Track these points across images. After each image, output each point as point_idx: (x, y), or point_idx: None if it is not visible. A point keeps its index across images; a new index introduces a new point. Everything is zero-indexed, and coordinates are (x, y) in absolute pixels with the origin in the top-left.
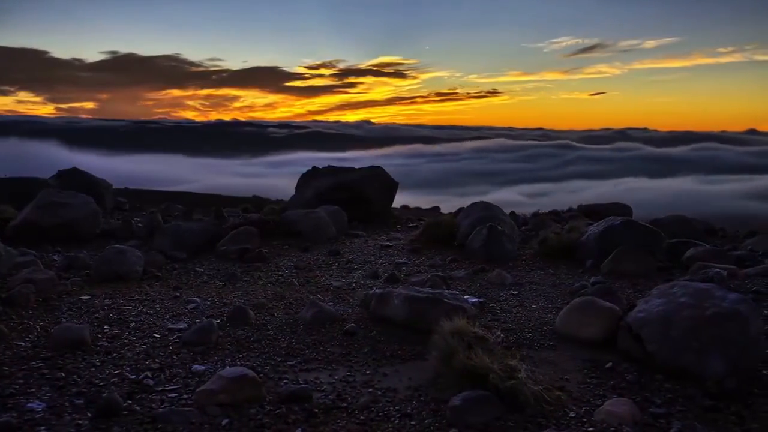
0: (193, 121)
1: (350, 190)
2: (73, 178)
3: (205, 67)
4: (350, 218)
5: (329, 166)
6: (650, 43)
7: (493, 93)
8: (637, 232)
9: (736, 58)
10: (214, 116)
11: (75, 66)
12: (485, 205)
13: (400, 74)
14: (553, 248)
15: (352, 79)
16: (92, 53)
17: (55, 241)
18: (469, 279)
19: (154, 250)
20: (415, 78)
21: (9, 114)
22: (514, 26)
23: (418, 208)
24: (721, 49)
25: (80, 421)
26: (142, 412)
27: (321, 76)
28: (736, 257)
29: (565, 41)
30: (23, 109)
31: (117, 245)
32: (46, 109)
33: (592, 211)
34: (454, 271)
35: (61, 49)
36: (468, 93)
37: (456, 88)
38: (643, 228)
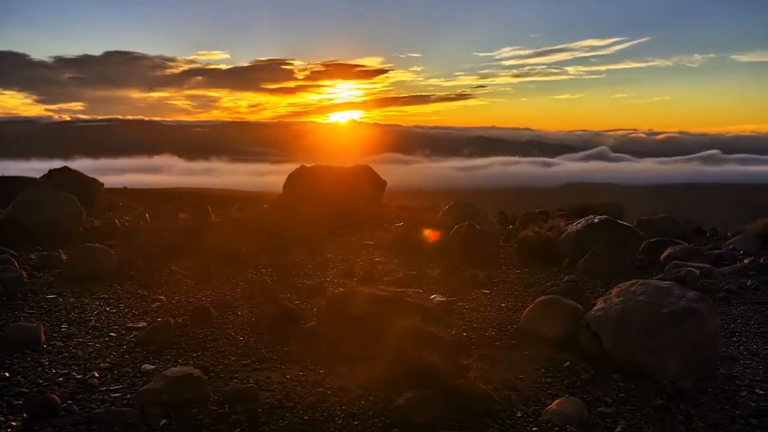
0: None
1: (338, 189)
2: (64, 177)
3: (187, 67)
4: (338, 217)
5: (317, 164)
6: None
7: (464, 96)
8: (616, 231)
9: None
10: (204, 117)
11: (56, 68)
12: (467, 205)
13: (369, 76)
14: (531, 247)
15: (325, 81)
16: (69, 54)
17: (37, 239)
18: (443, 278)
19: (133, 249)
20: (384, 81)
21: (7, 116)
22: (468, 33)
23: (414, 208)
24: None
25: (14, 422)
26: (80, 412)
27: (295, 78)
28: (716, 256)
29: (514, 50)
30: (18, 112)
31: (90, 244)
32: (36, 110)
33: (585, 210)
34: (430, 269)
35: (38, 51)
36: (440, 96)
37: (427, 92)
38: (622, 227)
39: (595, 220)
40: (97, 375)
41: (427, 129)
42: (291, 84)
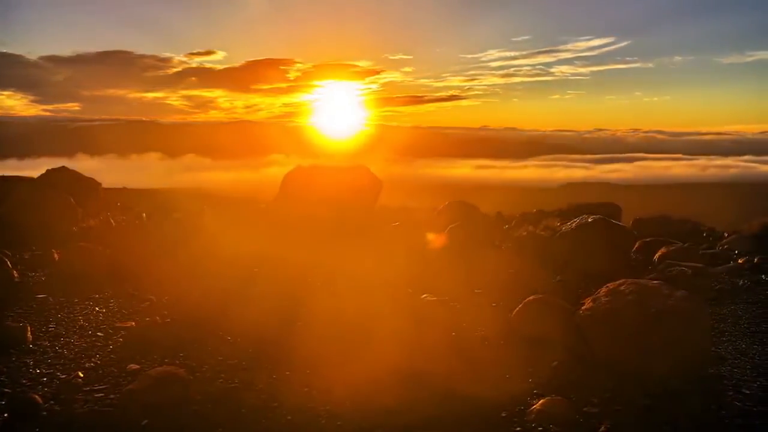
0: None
1: (335, 189)
2: (61, 176)
3: (182, 67)
4: (334, 217)
5: (313, 164)
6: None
7: (455, 97)
8: (609, 230)
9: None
10: (202, 117)
11: (51, 68)
12: (461, 205)
13: (362, 77)
14: (525, 246)
15: (320, 81)
16: (64, 54)
17: (30, 239)
18: (436, 277)
19: (127, 249)
20: (374, 82)
21: (5, 116)
22: (453, 37)
23: (411, 208)
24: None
25: None
26: (62, 412)
27: (288, 79)
28: (710, 256)
29: (497, 53)
30: (16, 112)
31: (82, 244)
32: (33, 110)
33: (582, 210)
34: (424, 269)
35: (34, 52)
36: (433, 96)
37: (419, 92)
38: (615, 227)
39: (589, 220)
40: (81, 375)
41: (423, 129)
42: (283, 84)
